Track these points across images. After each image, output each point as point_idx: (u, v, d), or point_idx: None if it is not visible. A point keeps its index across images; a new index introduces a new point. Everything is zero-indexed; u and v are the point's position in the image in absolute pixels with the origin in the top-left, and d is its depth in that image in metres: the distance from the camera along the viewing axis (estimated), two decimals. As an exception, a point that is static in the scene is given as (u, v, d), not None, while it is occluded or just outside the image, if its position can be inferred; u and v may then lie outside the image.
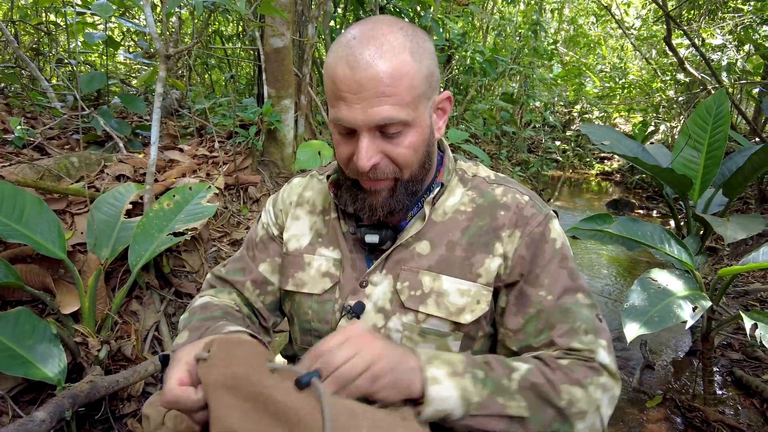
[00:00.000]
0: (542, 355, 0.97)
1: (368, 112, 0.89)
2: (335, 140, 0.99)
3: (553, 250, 1.03)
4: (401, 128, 0.92)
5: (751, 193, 5.46)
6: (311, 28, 3.02)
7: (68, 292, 1.81)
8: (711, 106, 3.13)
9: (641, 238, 2.34)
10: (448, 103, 1.05)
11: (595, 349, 0.97)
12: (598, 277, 4.47)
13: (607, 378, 0.96)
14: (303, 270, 1.11)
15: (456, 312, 1.01)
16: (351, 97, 0.89)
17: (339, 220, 1.12)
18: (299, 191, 1.21)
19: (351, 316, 1.05)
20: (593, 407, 0.92)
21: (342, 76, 0.89)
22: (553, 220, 1.06)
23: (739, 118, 6.80)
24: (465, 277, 1.02)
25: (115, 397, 1.78)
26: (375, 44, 0.89)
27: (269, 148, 2.85)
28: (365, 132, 0.91)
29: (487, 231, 1.03)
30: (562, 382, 0.91)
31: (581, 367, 0.95)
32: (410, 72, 0.90)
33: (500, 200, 1.06)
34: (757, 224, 2.60)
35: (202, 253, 2.25)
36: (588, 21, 11.24)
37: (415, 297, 1.02)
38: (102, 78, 2.95)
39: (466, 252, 1.03)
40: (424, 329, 1.02)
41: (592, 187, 8.60)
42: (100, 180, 2.40)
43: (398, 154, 0.94)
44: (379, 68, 0.88)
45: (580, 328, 0.98)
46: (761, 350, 2.91)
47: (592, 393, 0.92)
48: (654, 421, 2.48)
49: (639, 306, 1.99)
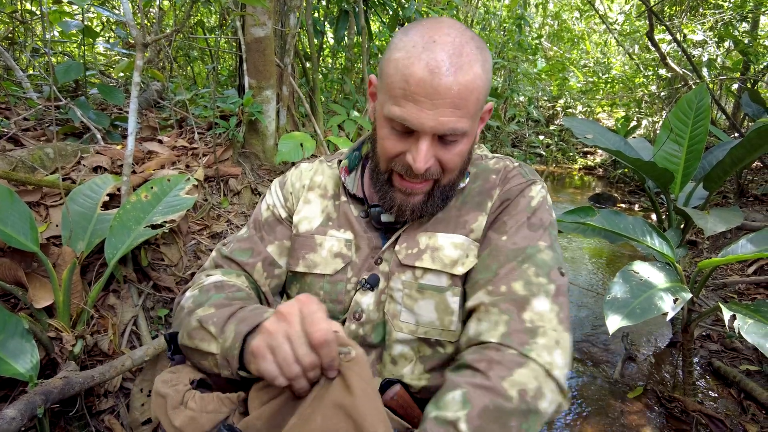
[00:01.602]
0: (468, 357, 0.91)
1: (439, 120, 0.90)
2: (383, 134, 0.98)
3: (525, 205, 1.06)
4: (459, 137, 0.96)
5: (730, 187, 5.54)
6: (293, 17, 2.98)
7: (41, 286, 1.76)
8: (692, 101, 3.16)
9: (623, 230, 2.35)
10: (488, 113, 1.08)
11: (537, 293, 0.94)
12: (581, 270, 4.50)
13: (553, 332, 0.91)
14: (314, 251, 1.12)
15: (450, 264, 1.04)
16: (424, 101, 0.89)
17: (349, 204, 1.16)
18: (310, 175, 1.23)
19: (366, 289, 1.08)
20: (543, 375, 0.87)
21: (419, 78, 0.88)
22: (536, 185, 1.09)
23: (719, 113, 6.88)
24: (457, 231, 1.06)
25: (91, 392, 1.74)
26: (456, 54, 0.89)
27: (250, 140, 2.80)
28: (428, 136, 0.93)
29: (480, 192, 1.09)
30: (501, 378, 0.85)
31: (516, 333, 0.91)
32: (480, 87, 0.92)
33: (492, 167, 1.13)
34: (736, 217, 2.63)
35: (181, 246, 2.21)
36: (572, 16, 11.29)
37: (412, 254, 1.05)
38: (79, 68, 2.88)
39: (460, 210, 1.08)
40: (422, 285, 1.05)
41: (575, 182, 8.65)
42: (77, 172, 2.34)
43: (449, 160, 0.98)
44: (459, 79, 0.88)
45: (529, 270, 0.97)
46: (739, 341, 2.95)
47: (536, 358, 0.88)
48: (635, 411, 2.50)
49: (621, 298, 2.00)
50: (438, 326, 1.06)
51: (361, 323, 1.08)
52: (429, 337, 1.06)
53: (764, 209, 4.83)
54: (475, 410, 0.81)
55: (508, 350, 0.88)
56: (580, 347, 3.13)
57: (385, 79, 0.96)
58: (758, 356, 2.79)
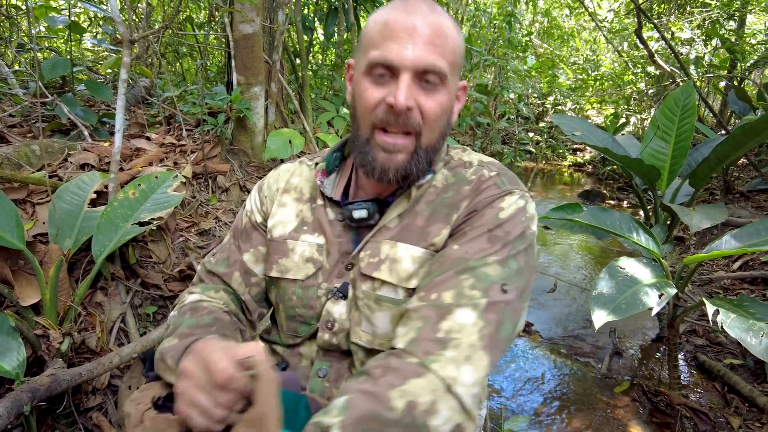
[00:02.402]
0: (370, 364, 0.86)
1: (419, 53, 0.93)
2: (363, 88, 0.98)
3: (493, 217, 0.98)
4: (438, 83, 0.96)
5: (716, 184, 5.60)
6: (281, 14, 2.97)
7: (28, 283, 1.75)
8: (678, 99, 3.19)
9: (609, 227, 2.37)
10: (463, 93, 1.10)
11: (463, 304, 0.88)
12: (570, 266, 4.54)
13: (467, 348, 0.85)
14: (287, 256, 1.12)
15: (406, 278, 1.01)
16: (405, 37, 0.93)
17: (325, 207, 1.13)
18: (287, 177, 1.22)
19: (337, 298, 1.07)
20: (442, 389, 0.80)
21: (397, 18, 0.95)
22: (511, 196, 1.01)
23: (707, 111, 6.94)
24: (419, 244, 1.02)
25: (79, 390, 1.74)
26: (430, 4, 0.98)
27: (239, 137, 2.80)
28: (409, 73, 0.93)
29: (449, 203, 1.04)
30: (390, 387, 0.79)
31: (426, 340, 0.85)
32: (455, 36, 0.99)
33: (468, 177, 1.07)
34: (721, 213, 2.66)
35: (169, 244, 2.21)
36: (562, 13, 11.33)
37: (372, 264, 1.03)
38: (66, 64, 2.86)
39: (426, 222, 1.03)
40: (379, 296, 1.03)
41: (565, 179, 8.70)
42: (64, 169, 2.33)
43: (429, 108, 0.96)
44: (435, 19, 0.96)
45: (465, 282, 0.91)
46: (723, 336, 2.99)
47: (438, 371, 0.81)
48: (621, 406, 2.53)
49: (607, 293, 2.03)
50: (392, 338, 0.99)
51: (334, 333, 1.08)
52: (383, 350, 1.01)
53: (750, 206, 4.89)
54: (352, 417, 0.76)
55: (410, 357, 0.84)
56: (568, 342, 3.16)
57: (363, 43, 1.00)
58: (742, 350, 2.83)
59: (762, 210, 4.73)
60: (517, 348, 3.08)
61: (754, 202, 5.03)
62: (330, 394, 1.08)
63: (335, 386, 1.08)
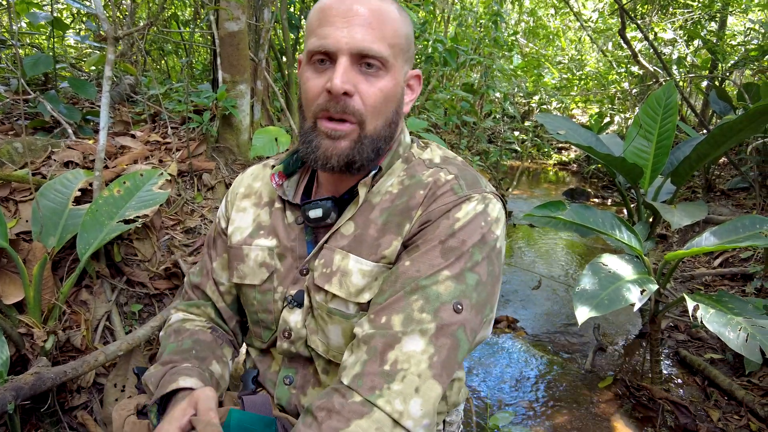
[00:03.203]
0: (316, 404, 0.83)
1: (354, 36, 0.90)
2: (305, 78, 0.97)
3: (446, 227, 0.92)
4: (379, 67, 0.94)
5: (698, 182, 5.68)
6: (267, 12, 2.97)
7: (11, 281, 1.74)
8: (661, 98, 3.24)
9: (593, 224, 2.40)
10: (417, 82, 1.06)
11: (411, 331, 0.84)
12: (553, 263, 4.58)
13: (416, 377, 0.81)
14: (243, 262, 1.11)
15: (356, 293, 0.97)
16: (339, 20, 0.91)
17: (284, 210, 1.11)
18: (249, 182, 1.20)
19: (293, 306, 1.05)
20: (390, 425, 0.78)
21: (333, 3, 0.93)
22: (469, 202, 0.95)
23: (689, 110, 7.04)
24: (369, 257, 0.97)
25: (64, 388, 1.73)
26: None
27: (224, 134, 2.79)
28: (345, 57, 0.91)
29: (402, 211, 0.97)
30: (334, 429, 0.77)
31: (371, 376, 0.82)
32: (396, 20, 0.96)
33: (424, 180, 0.99)
34: (701, 211, 2.71)
35: (155, 241, 2.20)
36: (547, 13, 11.41)
37: (325, 275, 1.00)
38: (48, 61, 2.83)
39: (379, 232, 0.98)
40: (330, 309, 1.00)
41: (550, 177, 8.78)
42: (47, 167, 2.31)
43: (370, 94, 0.93)
44: (372, 2, 0.93)
45: (414, 304, 0.87)
46: (704, 331, 3.05)
47: (383, 407, 0.79)
48: (605, 400, 2.57)
49: (590, 290, 2.06)
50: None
51: (292, 341, 1.07)
52: (338, 361, 1.02)
53: (730, 203, 4.98)
54: None
55: (354, 396, 0.80)
56: (553, 339, 3.20)
57: (306, 34, 0.99)
58: (722, 345, 2.88)
59: (742, 207, 4.82)
60: (502, 344, 3.11)
61: (734, 200, 5.12)
62: (296, 401, 1.08)
63: (302, 392, 1.08)
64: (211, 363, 1.10)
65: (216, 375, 1.09)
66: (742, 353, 1.78)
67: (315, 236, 1.08)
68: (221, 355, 1.15)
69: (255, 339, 1.18)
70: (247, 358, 1.24)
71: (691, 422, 2.30)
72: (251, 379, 1.14)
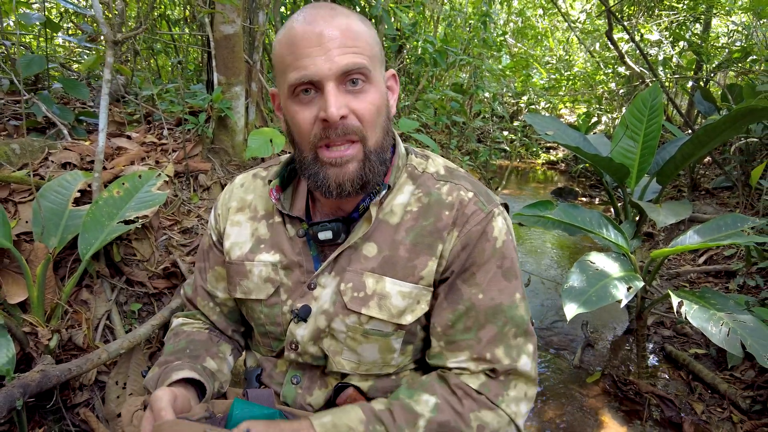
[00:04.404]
0: (452, 380, 0.99)
1: (334, 59, 0.90)
2: (293, 112, 0.96)
3: (492, 249, 1.01)
4: (364, 81, 0.94)
5: (684, 181, 5.79)
6: (262, 15, 3.01)
7: (15, 281, 1.77)
8: (647, 99, 3.31)
9: (581, 223, 2.47)
10: (395, 82, 1.07)
11: (518, 357, 1.00)
12: (542, 261, 4.66)
13: (524, 385, 1.00)
14: (247, 278, 1.12)
15: (397, 314, 1.01)
16: (314, 49, 0.90)
17: (284, 224, 1.11)
18: (240, 194, 1.19)
19: (298, 320, 1.07)
20: (505, 422, 0.97)
21: (302, 33, 0.91)
22: (496, 217, 1.03)
23: (674, 111, 7.16)
24: (407, 279, 1.01)
25: (67, 386, 1.76)
26: (327, 8, 0.95)
27: (219, 136, 2.83)
28: (332, 82, 0.91)
29: (431, 232, 1.01)
30: (471, 410, 0.95)
31: (494, 384, 0.98)
32: (364, 31, 0.96)
33: (445, 199, 1.03)
34: (686, 210, 2.78)
35: (153, 242, 2.23)
36: (536, 13, 11.51)
37: (358, 299, 1.02)
38: (41, 61, 2.85)
39: (410, 253, 1.02)
40: (367, 330, 1.03)
41: (538, 176, 8.87)
42: (45, 168, 2.33)
43: (363, 109, 0.94)
44: (339, 21, 0.93)
45: (509, 332, 1.00)
46: (688, 327, 3.13)
47: (505, 409, 0.97)
48: (593, 395, 2.64)
49: (578, 287, 2.12)
50: (380, 363, 1.08)
51: (299, 353, 1.09)
52: (369, 373, 1.09)
53: (714, 202, 5.08)
54: (439, 419, 0.94)
55: (483, 396, 0.97)
56: (543, 335, 3.26)
57: (278, 68, 0.98)
58: (706, 341, 2.97)
59: (725, 206, 4.92)
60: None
61: (718, 198, 5.22)
62: (302, 401, 1.11)
63: (308, 393, 1.11)
64: (205, 360, 1.13)
65: (211, 369, 1.12)
66: (724, 347, 1.85)
67: (321, 251, 1.09)
68: (217, 351, 1.18)
69: (262, 347, 1.20)
70: (248, 357, 1.26)
71: (676, 415, 2.38)
72: (255, 378, 1.17)
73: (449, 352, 1.02)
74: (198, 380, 1.05)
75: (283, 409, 1.10)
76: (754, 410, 2.33)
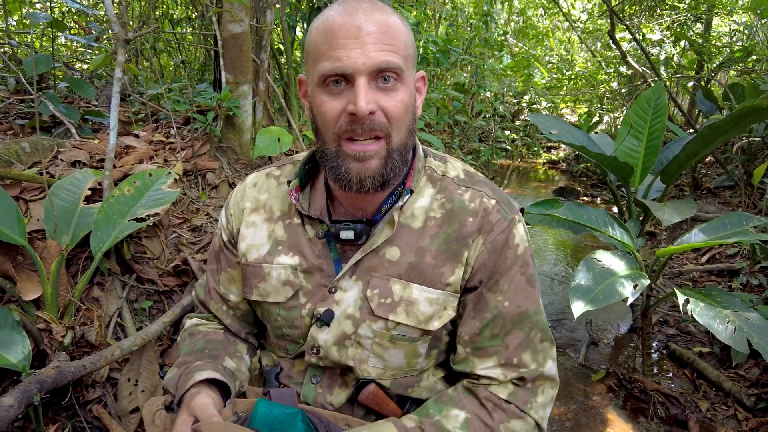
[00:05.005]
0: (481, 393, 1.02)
1: (369, 54, 0.89)
2: (320, 101, 0.95)
3: (514, 257, 1.03)
4: (396, 79, 0.93)
5: (686, 180, 5.80)
6: (269, 14, 3.02)
7: (29, 278, 1.78)
8: (650, 98, 3.33)
9: (586, 221, 2.48)
10: (423, 84, 1.07)
11: (544, 362, 1.04)
12: (547, 259, 4.67)
13: (550, 389, 1.05)
14: (265, 280, 1.11)
15: (425, 320, 1.03)
16: (351, 42, 0.89)
17: (303, 225, 1.10)
18: (254, 194, 1.16)
19: (321, 325, 1.06)
20: (531, 427, 1.01)
21: (340, 23, 0.90)
22: (517, 224, 1.06)
23: (676, 110, 7.18)
24: (434, 285, 1.02)
25: (80, 383, 1.78)
26: (368, 1, 0.94)
27: (227, 134, 2.84)
28: (364, 77, 0.90)
29: (456, 238, 1.02)
30: (501, 422, 0.99)
31: (521, 392, 1.02)
32: (403, 30, 0.96)
33: (468, 206, 1.04)
34: (690, 208, 2.80)
35: (163, 239, 2.25)
36: (537, 13, 11.52)
37: (385, 305, 1.02)
38: (48, 61, 2.86)
39: (436, 260, 1.02)
40: (395, 336, 1.04)
41: (540, 176, 8.88)
42: (54, 166, 2.34)
43: (392, 107, 0.93)
44: (378, 17, 0.91)
45: (535, 337, 1.04)
46: (693, 325, 3.15)
47: (533, 415, 1.01)
48: (598, 393, 2.66)
49: (585, 285, 2.13)
50: (405, 368, 1.09)
51: (320, 357, 1.08)
52: (396, 377, 1.10)
53: (717, 201, 5.10)
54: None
55: (512, 405, 1.01)
56: (547, 333, 3.28)
57: (310, 54, 0.96)
58: (710, 339, 2.99)
59: (728, 205, 4.94)
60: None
61: (720, 197, 5.25)
62: (322, 400, 1.10)
63: (328, 392, 1.11)
64: (224, 359, 1.14)
65: (231, 369, 1.13)
66: (731, 344, 1.87)
67: (343, 253, 1.08)
68: (234, 351, 1.19)
69: (278, 350, 1.19)
70: (263, 356, 1.26)
71: (681, 413, 2.40)
72: (274, 377, 1.17)
73: (477, 358, 1.04)
74: (221, 380, 1.05)
75: (305, 408, 1.11)
76: (758, 408, 2.35)
